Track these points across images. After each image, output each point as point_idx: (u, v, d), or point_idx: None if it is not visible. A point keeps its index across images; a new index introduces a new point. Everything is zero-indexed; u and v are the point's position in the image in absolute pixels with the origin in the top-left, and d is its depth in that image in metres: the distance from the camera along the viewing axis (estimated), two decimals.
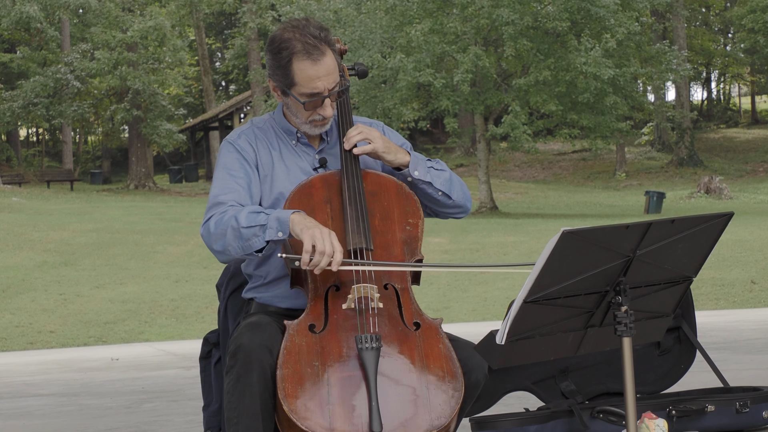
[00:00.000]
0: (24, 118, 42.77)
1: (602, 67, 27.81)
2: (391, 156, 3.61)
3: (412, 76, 28.61)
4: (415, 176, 3.62)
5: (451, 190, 3.68)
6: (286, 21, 3.62)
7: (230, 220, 3.39)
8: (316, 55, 3.50)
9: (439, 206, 3.70)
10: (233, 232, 3.38)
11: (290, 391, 3.18)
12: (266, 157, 3.64)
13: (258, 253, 3.39)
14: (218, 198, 3.50)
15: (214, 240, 3.43)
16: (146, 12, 42.16)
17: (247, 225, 3.36)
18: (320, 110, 3.57)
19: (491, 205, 30.58)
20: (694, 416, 4.27)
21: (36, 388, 8.29)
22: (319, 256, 3.25)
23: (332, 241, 3.27)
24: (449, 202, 3.69)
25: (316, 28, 3.54)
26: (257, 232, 3.35)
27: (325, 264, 3.25)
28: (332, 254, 3.26)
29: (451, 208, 3.72)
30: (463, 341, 3.44)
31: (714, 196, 34.66)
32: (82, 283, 15.89)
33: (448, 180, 3.68)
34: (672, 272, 3.15)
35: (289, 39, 3.53)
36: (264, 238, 3.35)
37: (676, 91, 46.75)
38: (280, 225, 3.34)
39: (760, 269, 15.35)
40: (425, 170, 3.64)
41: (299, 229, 3.30)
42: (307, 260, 3.25)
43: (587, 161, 47.20)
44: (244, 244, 3.37)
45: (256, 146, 3.65)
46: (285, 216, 3.35)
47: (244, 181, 3.55)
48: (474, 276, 15.89)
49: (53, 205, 29.40)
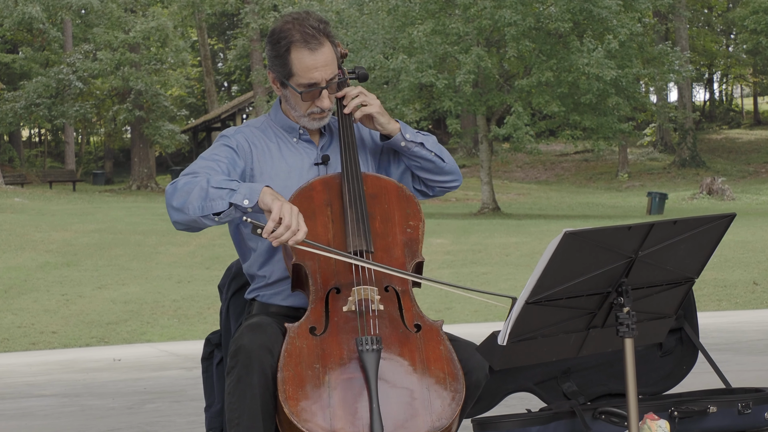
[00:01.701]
0: (26, 119, 42.80)
1: (604, 68, 27.81)
2: (384, 120, 3.65)
3: (415, 76, 28.60)
4: (407, 138, 3.66)
5: (442, 153, 3.74)
6: (287, 14, 3.64)
7: (201, 181, 3.35)
8: (314, 44, 3.52)
9: (434, 173, 3.74)
10: (200, 191, 3.32)
11: (291, 394, 3.18)
12: (265, 153, 3.64)
13: (215, 216, 3.31)
14: (194, 169, 3.46)
15: (177, 196, 3.36)
16: (148, 13, 42.19)
17: (217, 186, 3.32)
18: (318, 102, 3.58)
19: (493, 206, 30.58)
20: (696, 417, 4.27)
21: (38, 389, 8.29)
22: (283, 229, 3.21)
23: (299, 219, 3.25)
24: (443, 165, 3.74)
25: (315, 20, 3.56)
26: (224, 195, 3.30)
27: (286, 238, 3.22)
28: (296, 231, 3.23)
29: (446, 174, 3.76)
30: (463, 341, 3.44)
31: (716, 197, 34.65)
32: (85, 283, 15.90)
33: (437, 144, 3.75)
34: (674, 273, 3.15)
35: (288, 29, 3.55)
36: (228, 201, 3.29)
37: (679, 92, 46.74)
38: (250, 192, 3.29)
39: (762, 270, 15.34)
40: (415, 134, 3.70)
41: (270, 200, 3.27)
42: (270, 228, 3.22)
43: (589, 162, 47.19)
44: (206, 204, 3.30)
45: (254, 143, 3.65)
46: (258, 187, 3.32)
47: (225, 167, 3.51)
48: (476, 277, 15.89)
49: (55, 206, 29.42)
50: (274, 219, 3.22)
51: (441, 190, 3.81)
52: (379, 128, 3.67)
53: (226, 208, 3.31)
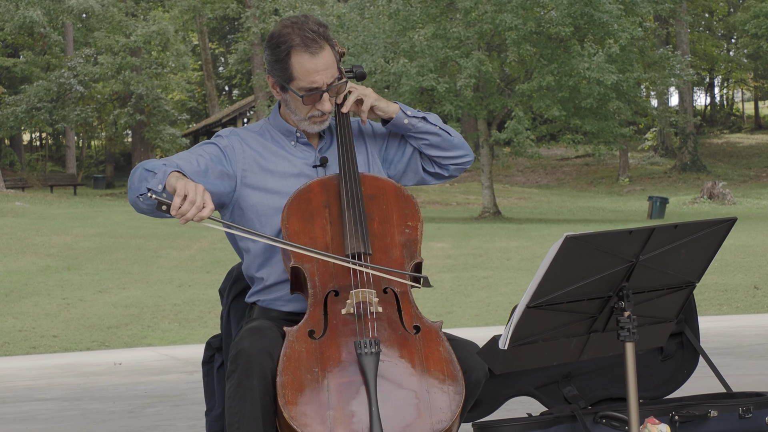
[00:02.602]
0: (27, 123, 42.82)
1: (605, 73, 27.81)
2: (383, 104, 3.66)
3: (415, 80, 28.62)
4: (409, 114, 3.67)
5: (447, 128, 3.74)
6: (285, 18, 3.64)
7: (146, 163, 3.46)
8: (314, 48, 3.52)
9: (443, 149, 3.73)
10: (140, 172, 3.43)
11: (290, 398, 3.18)
12: (262, 157, 3.64)
13: (141, 197, 3.39)
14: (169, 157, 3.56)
15: (131, 177, 3.48)
16: (149, 17, 42.25)
17: (148, 168, 3.43)
18: (319, 105, 3.58)
19: (494, 210, 30.58)
20: (696, 421, 4.26)
21: (39, 393, 8.29)
22: (188, 205, 3.24)
23: (205, 198, 3.28)
24: (451, 139, 3.74)
25: (314, 23, 3.56)
26: (148, 177, 3.40)
27: (192, 214, 3.24)
28: (201, 208, 3.26)
29: (456, 149, 3.76)
30: (462, 340, 3.44)
31: (717, 201, 34.65)
32: (85, 287, 15.90)
33: (440, 120, 3.75)
34: (675, 277, 3.15)
35: (288, 34, 3.54)
36: (148, 185, 3.37)
37: (680, 97, 46.76)
38: (163, 176, 3.37)
39: (763, 275, 15.33)
40: (415, 111, 3.70)
41: (174, 180, 3.32)
42: (177, 204, 3.25)
43: (590, 166, 47.21)
44: (138, 186, 3.41)
45: (250, 145, 3.66)
46: (170, 169, 3.38)
47: (204, 162, 3.56)
48: (477, 281, 15.89)
49: (56, 210, 29.42)
50: (179, 194, 3.26)
51: (455, 168, 3.78)
52: (381, 114, 3.68)
53: (145, 192, 3.38)
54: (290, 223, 3.47)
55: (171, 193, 3.33)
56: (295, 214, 3.47)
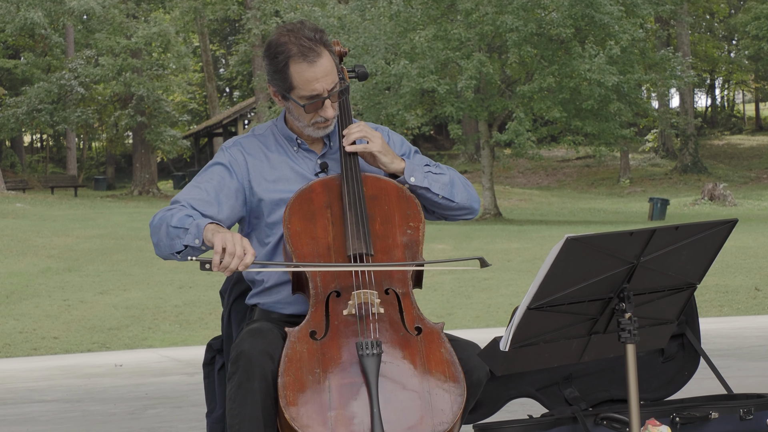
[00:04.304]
0: (28, 124, 42.80)
1: (606, 74, 27.80)
2: (387, 159, 3.61)
3: (416, 82, 28.61)
4: (411, 182, 3.61)
5: (453, 194, 3.67)
6: (281, 25, 3.63)
7: (168, 218, 3.46)
8: (312, 56, 3.51)
9: (443, 209, 3.69)
10: (166, 229, 3.44)
11: (292, 399, 3.18)
12: (263, 163, 3.64)
13: (178, 254, 3.42)
14: (178, 197, 3.57)
15: (153, 233, 3.49)
16: (150, 18, 42.21)
17: (175, 225, 3.43)
18: (321, 112, 3.57)
19: (495, 211, 30.57)
20: (697, 423, 4.26)
21: (40, 394, 8.29)
22: (229, 257, 3.26)
23: (244, 244, 3.29)
24: (452, 205, 3.68)
25: (311, 30, 3.54)
26: (180, 234, 3.41)
27: (235, 265, 3.27)
28: (243, 256, 3.27)
29: (456, 211, 3.71)
30: (463, 341, 3.44)
31: (718, 202, 34.65)
32: (86, 289, 15.90)
33: (448, 183, 3.67)
34: (676, 279, 3.15)
35: (285, 43, 3.53)
36: (183, 242, 3.40)
37: (681, 98, 46.76)
38: (197, 232, 3.39)
39: (764, 276, 15.33)
40: (422, 176, 3.63)
41: (210, 234, 3.35)
42: (217, 261, 3.27)
43: (591, 168, 47.19)
44: (170, 243, 3.43)
45: (251, 155, 3.66)
46: (202, 224, 3.40)
47: (213, 188, 3.57)
48: (478, 282, 15.89)
49: (57, 211, 29.42)
50: (217, 251, 3.29)
51: (453, 219, 3.76)
52: (381, 167, 3.64)
53: (183, 249, 3.41)
54: (292, 224, 3.47)
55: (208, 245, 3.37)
56: (296, 214, 3.47)
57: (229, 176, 3.60)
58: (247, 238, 3.35)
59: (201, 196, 3.54)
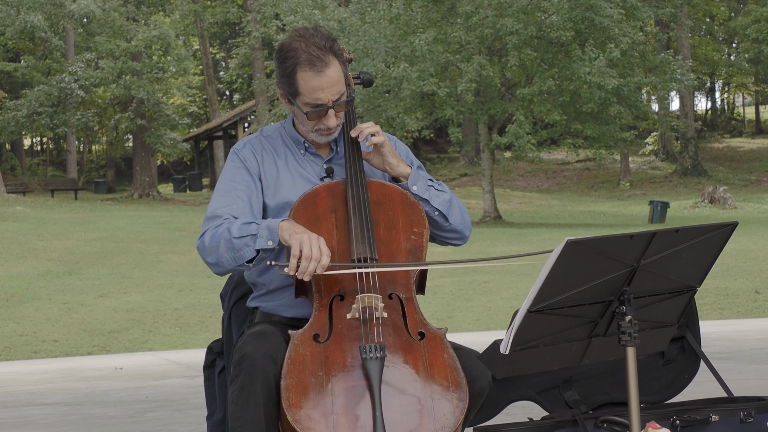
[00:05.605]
0: (28, 128, 42.85)
1: (606, 77, 27.81)
2: (394, 161, 3.62)
3: (416, 85, 28.62)
4: (413, 191, 3.61)
5: (450, 213, 3.65)
6: (296, 29, 3.62)
7: (224, 233, 3.42)
8: (319, 66, 3.50)
9: (436, 228, 3.67)
10: (226, 243, 3.40)
11: (294, 401, 3.18)
12: (271, 166, 3.65)
13: (249, 263, 3.40)
14: (216, 212, 3.53)
15: (208, 253, 3.45)
16: (150, 21, 42.22)
17: (238, 235, 3.39)
18: (324, 120, 3.57)
19: (495, 214, 30.58)
20: (698, 426, 4.26)
21: (40, 397, 8.29)
22: (306, 262, 3.25)
23: (320, 245, 3.28)
24: (446, 225, 3.66)
25: (322, 38, 3.53)
26: (248, 242, 3.38)
27: (312, 269, 3.26)
28: (320, 258, 3.26)
29: (447, 232, 3.69)
30: (467, 349, 3.44)
31: (718, 205, 34.65)
32: (86, 292, 15.89)
33: (447, 201, 3.65)
34: (676, 282, 3.15)
35: (295, 49, 3.53)
36: (254, 247, 3.37)
37: (681, 101, 46.78)
38: (270, 233, 3.36)
39: (764, 279, 15.33)
40: (425, 187, 3.63)
41: (287, 235, 3.32)
42: (294, 265, 3.26)
43: (591, 171, 47.20)
44: (236, 255, 3.39)
45: (261, 156, 3.66)
46: (274, 224, 3.37)
47: (245, 194, 3.57)
48: (478, 285, 15.89)
49: (57, 214, 29.42)
50: (295, 254, 3.26)
51: (441, 242, 3.74)
52: (387, 168, 3.64)
53: (255, 255, 3.38)
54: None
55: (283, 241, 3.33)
56: (301, 218, 3.47)
57: (251, 179, 3.61)
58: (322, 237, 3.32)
59: (239, 205, 3.53)
